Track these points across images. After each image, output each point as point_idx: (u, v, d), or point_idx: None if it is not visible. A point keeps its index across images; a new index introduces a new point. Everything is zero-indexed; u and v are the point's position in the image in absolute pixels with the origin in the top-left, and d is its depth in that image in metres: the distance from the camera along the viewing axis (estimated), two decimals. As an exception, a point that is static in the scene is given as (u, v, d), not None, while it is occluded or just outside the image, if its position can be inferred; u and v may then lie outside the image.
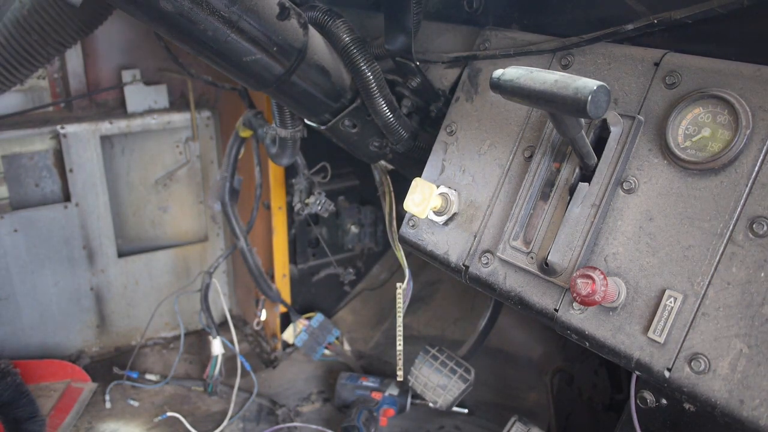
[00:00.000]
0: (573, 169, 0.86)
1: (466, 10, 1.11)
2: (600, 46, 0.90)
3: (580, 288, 0.76)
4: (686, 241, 0.76)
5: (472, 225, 0.99)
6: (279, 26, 0.93)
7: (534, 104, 0.76)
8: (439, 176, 1.06)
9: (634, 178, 0.82)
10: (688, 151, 0.78)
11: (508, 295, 0.91)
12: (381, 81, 1.08)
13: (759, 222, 0.71)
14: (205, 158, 2.17)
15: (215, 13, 0.85)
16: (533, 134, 0.94)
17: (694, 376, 0.72)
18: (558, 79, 0.71)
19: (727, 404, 0.69)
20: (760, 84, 0.74)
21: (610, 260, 0.82)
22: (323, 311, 2.07)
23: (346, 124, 1.16)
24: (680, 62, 0.81)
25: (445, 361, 1.45)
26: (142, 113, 2.00)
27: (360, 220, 2.08)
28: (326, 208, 1.66)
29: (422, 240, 1.06)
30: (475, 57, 1.06)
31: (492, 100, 1.02)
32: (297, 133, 1.32)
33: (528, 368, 1.74)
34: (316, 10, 1.06)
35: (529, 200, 0.90)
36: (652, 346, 0.76)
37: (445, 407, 1.43)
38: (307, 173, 1.70)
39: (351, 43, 1.05)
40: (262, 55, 0.94)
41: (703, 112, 0.77)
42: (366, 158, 1.26)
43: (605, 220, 0.83)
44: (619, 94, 0.86)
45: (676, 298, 0.74)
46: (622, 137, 0.83)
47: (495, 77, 0.78)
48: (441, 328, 2.00)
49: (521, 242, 0.90)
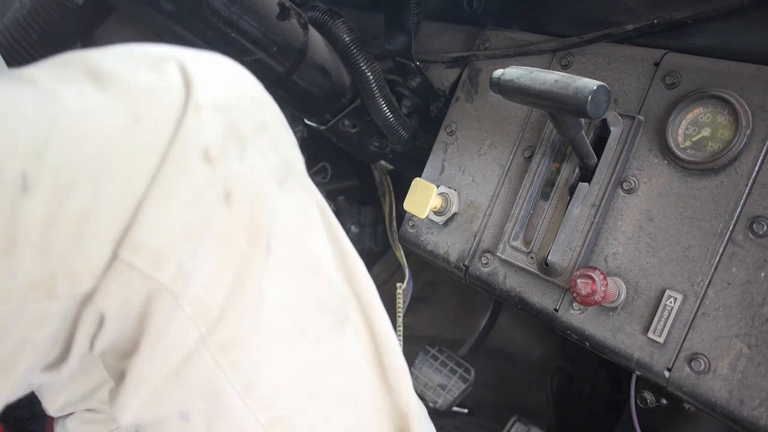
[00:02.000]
0: (573, 169, 0.86)
1: (466, 10, 1.11)
2: (600, 46, 0.90)
3: (580, 288, 0.76)
4: (686, 241, 0.76)
5: (472, 225, 0.99)
6: (279, 26, 0.93)
7: (534, 104, 0.76)
8: (439, 176, 1.06)
9: (634, 178, 0.82)
10: (688, 151, 0.78)
11: (508, 295, 0.92)
12: (381, 81, 1.08)
13: (759, 222, 0.71)
14: (205, 158, 2.17)
15: (215, 13, 0.85)
16: (533, 134, 0.94)
17: (694, 376, 0.72)
18: (558, 79, 0.71)
19: (727, 404, 0.69)
20: (760, 84, 0.74)
21: (610, 260, 0.82)
22: (323, 311, 2.07)
23: (346, 124, 1.16)
24: (680, 62, 0.81)
25: (445, 361, 1.45)
26: (142, 113, 2.01)
27: (360, 220, 2.08)
28: (326, 208, 1.66)
29: (422, 240, 1.06)
30: (475, 57, 1.06)
31: (492, 100, 1.02)
32: (297, 133, 1.32)
33: (528, 368, 1.74)
34: (316, 10, 1.06)
35: (529, 200, 0.90)
36: (652, 346, 0.76)
37: (445, 407, 1.43)
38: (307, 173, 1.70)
39: (351, 43, 1.05)
40: (262, 55, 0.94)
41: (703, 112, 0.77)
42: (366, 158, 1.26)
43: (605, 220, 0.83)
44: (619, 94, 0.86)
45: (676, 298, 0.75)
46: (622, 137, 0.83)
47: (495, 77, 0.78)
48: (441, 328, 2.00)
49: (521, 242, 0.91)
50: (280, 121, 0.58)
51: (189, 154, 0.47)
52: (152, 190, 0.46)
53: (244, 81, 0.55)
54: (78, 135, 0.43)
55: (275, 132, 0.55)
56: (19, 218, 0.42)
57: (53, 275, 0.43)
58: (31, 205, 0.42)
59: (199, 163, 0.48)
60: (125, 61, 0.49)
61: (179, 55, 0.51)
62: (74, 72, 0.47)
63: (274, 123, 0.56)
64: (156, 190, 0.46)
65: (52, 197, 0.42)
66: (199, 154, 0.48)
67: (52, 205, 0.43)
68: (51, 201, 0.43)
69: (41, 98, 0.44)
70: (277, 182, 0.55)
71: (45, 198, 0.42)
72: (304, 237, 0.58)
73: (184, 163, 0.47)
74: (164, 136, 0.46)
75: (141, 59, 0.49)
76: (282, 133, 0.57)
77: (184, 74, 0.49)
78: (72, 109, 0.44)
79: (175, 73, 0.49)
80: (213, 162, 0.48)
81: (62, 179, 0.43)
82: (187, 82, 0.49)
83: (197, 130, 0.48)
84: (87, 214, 0.44)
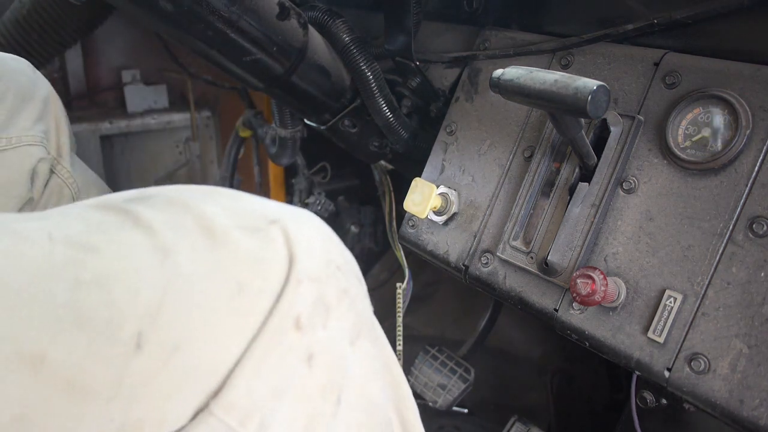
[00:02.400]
0: (573, 169, 0.86)
1: (466, 10, 1.11)
2: (600, 46, 0.90)
3: (580, 288, 0.76)
4: (686, 241, 0.76)
5: (472, 225, 0.99)
6: (279, 26, 0.93)
7: (534, 104, 0.76)
8: (439, 176, 1.06)
9: (634, 178, 0.82)
10: (688, 151, 0.78)
11: (508, 295, 0.91)
12: (381, 81, 1.08)
13: (759, 222, 0.71)
14: (205, 158, 2.17)
15: (215, 13, 0.85)
16: (533, 134, 0.94)
17: (694, 376, 0.72)
18: (558, 79, 0.71)
19: (727, 404, 0.69)
20: (760, 84, 0.74)
21: (609, 260, 0.82)
22: (323, 311, 2.07)
23: (345, 124, 1.16)
24: (680, 62, 0.81)
25: (445, 361, 1.45)
26: (142, 113, 2.00)
27: (360, 220, 2.08)
28: (326, 208, 1.66)
29: (422, 240, 1.06)
30: (474, 57, 1.06)
31: (492, 100, 1.02)
32: (297, 133, 1.32)
33: (528, 368, 1.74)
34: (316, 10, 1.06)
35: (529, 200, 0.90)
36: (651, 346, 0.76)
37: (445, 407, 1.43)
38: (307, 173, 1.70)
39: (351, 43, 1.05)
40: (261, 55, 0.94)
41: (703, 112, 0.77)
42: (366, 158, 1.26)
43: (605, 220, 0.83)
44: (619, 94, 0.86)
45: (676, 298, 0.74)
46: (622, 137, 0.83)
47: (495, 77, 0.78)
48: (441, 328, 2.00)
49: (521, 242, 0.90)
50: (358, 280, 0.61)
51: (284, 323, 0.50)
52: (247, 354, 0.48)
53: (333, 247, 0.59)
54: (189, 299, 0.47)
55: (354, 294, 0.59)
56: (128, 372, 0.44)
57: (142, 420, 0.45)
58: (140, 361, 0.44)
59: (291, 331, 0.51)
60: (235, 221, 0.52)
61: (283, 219, 0.54)
62: (188, 223, 0.50)
63: (353, 286, 0.59)
64: (251, 354, 0.48)
65: (159, 355, 0.45)
66: (292, 323, 0.51)
67: (158, 362, 0.45)
68: (158, 358, 0.45)
69: (159, 257, 0.47)
70: (350, 341, 0.59)
71: (153, 356, 0.45)
72: (367, 385, 0.62)
73: (278, 332, 0.50)
74: (265, 307, 0.49)
75: (249, 218, 0.52)
76: (359, 293, 0.61)
77: (288, 245, 0.52)
78: (186, 271, 0.47)
79: (280, 244, 0.52)
80: (302, 329, 0.52)
81: (171, 339, 0.45)
82: (290, 254, 0.52)
83: (294, 302, 0.51)
84: (187, 371, 0.46)
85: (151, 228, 0.48)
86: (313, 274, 0.53)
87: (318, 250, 0.55)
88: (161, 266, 0.46)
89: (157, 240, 0.48)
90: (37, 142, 1.01)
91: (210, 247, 0.49)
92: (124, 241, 0.47)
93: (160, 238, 0.48)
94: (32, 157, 1.00)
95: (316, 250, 0.55)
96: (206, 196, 0.54)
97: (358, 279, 0.62)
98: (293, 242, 0.53)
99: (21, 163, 0.99)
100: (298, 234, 0.54)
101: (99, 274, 0.45)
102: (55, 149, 1.06)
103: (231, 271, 0.49)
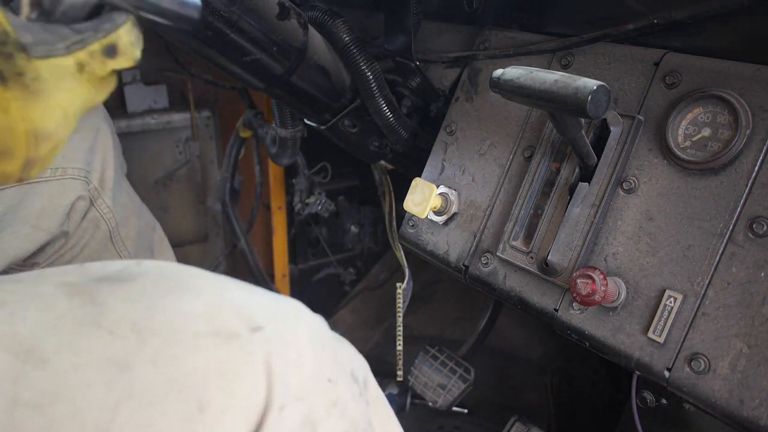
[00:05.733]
0: (573, 169, 0.86)
1: (466, 10, 1.11)
2: (600, 46, 0.90)
3: (580, 288, 0.76)
4: (686, 241, 0.76)
5: (472, 225, 0.99)
6: (279, 26, 0.93)
7: (534, 104, 0.76)
8: (439, 176, 1.06)
9: (634, 178, 0.82)
10: (688, 151, 0.78)
11: (508, 295, 0.91)
12: (381, 81, 1.08)
13: (759, 222, 0.71)
14: (205, 158, 2.17)
15: (215, 12, 0.85)
16: (533, 134, 0.94)
17: (694, 376, 0.71)
18: (558, 78, 0.71)
19: (727, 404, 0.69)
20: (760, 84, 0.74)
21: (610, 260, 0.82)
22: (323, 311, 2.06)
23: (345, 124, 1.16)
24: (680, 62, 0.81)
25: (445, 361, 1.45)
26: (142, 113, 2.00)
27: (360, 220, 2.08)
28: (326, 208, 1.66)
29: (422, 240, 1.06)
30: (474, 57, 1.06)
31: (492, 100, 1.02)
32: (297, 133, 1.32)
33: (528, 368, 1.74)
34: (315, 9, 1.06)
35: (529, 200, 0.90)
36: (652, 346, 0.76)
37: (445, 407, 1.43)
38: (307, 173, 1.70)
39: (351, 43, 1.05)
40: (261, 55, 0.94)
41: (703, 112, 0.77)
42: (366, 158, 1.26)
43: (605, 220, 0.83)
44: (619, 94, 0.86)
45: (676, 298, 0.74)
46: (622, 137, 0.83)
47: (495, 77, 0.78)
48: (441, 328, 2.00)
49: (521, 242, 0.90)
50: (353, 380, 0.58)
51: None
52: None
53: (325, 355, 0.55)
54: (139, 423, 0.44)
55: (344, 402, 0.56)
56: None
57: None
58: None
59: None
60: (211, 325, 0.49)
61: (270, 326, 0.51)
62: (156, 326, 0.47)
63: (344, 393, 0.56)
64: None
65: None
66: None
67: None
68: None
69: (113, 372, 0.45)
70: None
71: None
72: None
73: None
74: (234, 428, 0.47)
75: (229, 322, 0.49)
76: (352, 397, 0.58)
77: (267, 360, 0.49)
78: (140, 388, 0.45)
79: (258, 357, 0.48)
80: None
81: None
82: (269, 372, 0.48)
83: (277, 428, 0.48)
84: None
85: (112, 332, 0.45)
86: (300, 392, 0.50)
87: (308, 362, 0.52)
88: (113, 383, 0.43)
89: (116, 349, 0.44)
90: (81, 176, 0.97)
91: (173, 358, 0.45)
92: (79, 350, 0.43)
93: (119, 347, 0.44)
94: (72, 193, 0.95)
95: (306, 363, 0.52)
96: (188, 288, 0.50)
97: (352, 378, 0.58)
98: (276, 356, 0.49)
99: (60, 196, 0.94)
100: (285, 344, 0.50)
101: (41, 391, 0.41)
102: (98, 180, 1.01)
103: (192, 388, 0.45)
